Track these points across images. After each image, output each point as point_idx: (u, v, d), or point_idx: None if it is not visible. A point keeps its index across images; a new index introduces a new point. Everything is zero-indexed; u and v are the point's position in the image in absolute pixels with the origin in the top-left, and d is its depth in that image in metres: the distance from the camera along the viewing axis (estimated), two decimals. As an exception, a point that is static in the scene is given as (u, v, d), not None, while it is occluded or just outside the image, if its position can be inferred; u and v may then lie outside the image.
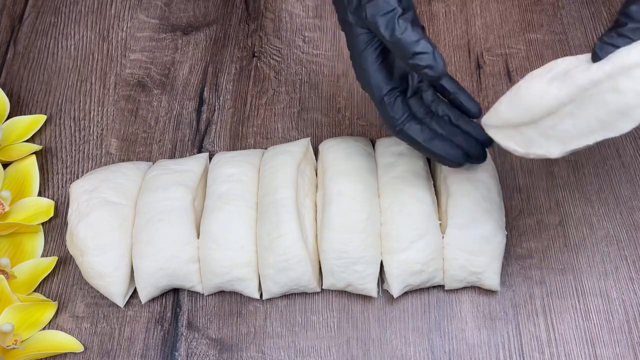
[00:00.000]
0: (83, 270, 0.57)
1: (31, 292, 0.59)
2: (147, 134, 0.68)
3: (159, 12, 0.76)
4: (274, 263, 0.55)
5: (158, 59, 0.72)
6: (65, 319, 0.58)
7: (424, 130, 0.52)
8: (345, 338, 0.56)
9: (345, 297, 0.58)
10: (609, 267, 0.58)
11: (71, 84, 0.71)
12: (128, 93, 0.70)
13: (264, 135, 0.67)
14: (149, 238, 0.56)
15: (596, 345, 0.55)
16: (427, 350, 0.55)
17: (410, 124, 0.52)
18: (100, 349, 0.57)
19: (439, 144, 0.53)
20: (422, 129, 0.52)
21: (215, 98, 0.70)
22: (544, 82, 0.45)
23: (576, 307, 0.56)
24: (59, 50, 0.74)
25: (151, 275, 0.56)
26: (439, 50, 0.71)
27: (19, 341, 0.56)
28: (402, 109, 0.52)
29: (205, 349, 0.56)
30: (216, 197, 0.58)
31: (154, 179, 0.59)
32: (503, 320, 0.56)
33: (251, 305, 0.58)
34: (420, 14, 0.74)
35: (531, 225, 0.60)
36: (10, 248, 0.61)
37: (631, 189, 0.62)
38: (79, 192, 0.59)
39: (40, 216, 0.62)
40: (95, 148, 0.67)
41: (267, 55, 0.72)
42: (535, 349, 0.55)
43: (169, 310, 0.58)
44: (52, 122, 0.69)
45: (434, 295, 0.57)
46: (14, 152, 0.65)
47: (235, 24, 0.75)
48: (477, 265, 0.55)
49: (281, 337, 0.56)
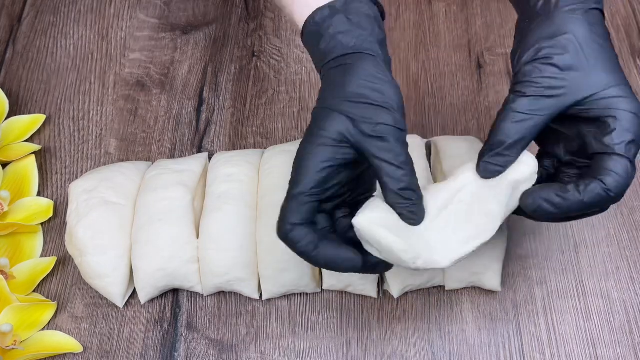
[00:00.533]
0: (82, 270, 0.57)
1: (30, 293, 0.59)
2: (146, 134, 0.67)
3: (158, 12, 0.76)
4: (273, 263, 0.55)
5: (157, 59, 0.72)
6: (64, 319, 0.58)
7: (307, 236, 0.45)
8: (345, 338, 0.56)
9: (345, 298, 0.58)
10: (610, 267, 0.58)
11: (70, 83, 0.71)
12: (127, 93, 0.70)
13: (264, 135, 0.67)
14: (148, 238, 0.56)
15: (597, 346, 0.55)
16: (428, 351, 0.55)
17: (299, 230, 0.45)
18: (99, 349, 0.56)
19: (326, 248, 0.45)
20: (308, 234, 0.45)
21: (215, 98, 0.69)
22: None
23: (577, 308, 0.56)
24: (58, 49, 0.74)
25: (150, 276, 0.56)
26: (440, 50, 0.72)
27: (18, 341, 0.55)
28: (305, 214, 0.45)
29: (204, 349, 0.56)
30: (216, 197, 0.58)
31: (153, 178, 0.59)
32: (504, 320, 0.56)
33: (251, 305, 0.58)
34: (420, 13, 0.74)
35: (532, 226, 0.60)
36: (9, 248, 0.60)
37: (632, 189, 0.62)
38: (78, 192, 0.59)
39: (40, 216, 0.62)
40: (95, 148, 0.67)
41: (267, 55, 0.72)
42: (536, 349, 0.55)
43: (169, 311, 0.58)
44: (51, 121, 0.69)
45: (435, 295, 0.57)
46: (13, 152, 0.65)
47: (235, 24, 0.74)
48: (477, 265, 0.55)
49: (281, 338, 0.56)
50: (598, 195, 0.44)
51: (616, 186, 0.44)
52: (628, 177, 0.44)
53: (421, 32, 0.72)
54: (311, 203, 0.45)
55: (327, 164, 0.45)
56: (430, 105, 0.68)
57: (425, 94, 0.68)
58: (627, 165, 0.44)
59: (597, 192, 0.44)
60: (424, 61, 0.70)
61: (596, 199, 0.44)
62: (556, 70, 0.45)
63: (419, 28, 0.73)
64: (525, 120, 0.45)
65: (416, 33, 0.72)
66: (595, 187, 0.44)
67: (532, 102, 0.45)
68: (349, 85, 0.46)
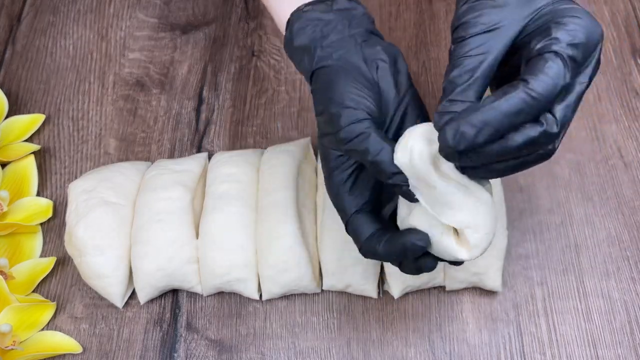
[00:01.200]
0: (81, 270, 0.57)
1: (30, 293, 0.59)
2: (146, 134, 0.67)
3: (157, 11, 0.75)
4: (273, 264, 0.55)
5: (157, 58, 0.72)
6: (64, 319, 0.58)
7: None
8: (345, 339, 0.56)
9: (345, 298, 0.58)
10: (610, 267, 0.58)
11: (70, 83, 0.71)
12: (127, 92, 0.70)
13: (264, 135, 0.67)
14: (148, 238, 0.56)
15: (598, 347, 0.55)
16: (428, 351, 0.55)
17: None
18: (99, 350, 0.56)
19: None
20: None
21: (215, 97, 0.69)
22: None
23: (578, 308, 0.56)
24: (57, 49, 0.74)
25: (150, 276, 0.56)
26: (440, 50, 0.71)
27: (18, 342, 0.55)
28: (371, 226, 0.46)
29: (204, 350, 0.56)
30: (215, 197, 0.57)
31: (152, 178, 0.59)
32: (504, 321, 0.56)
33: (251, 306, 0.58)
34: (421, 13, 0.74)
35: (532, 226, 0.60)
36: (8, 248, 0.60)
37: (633, 188, 0.61)
38: (78, 192, 0.59)
39: (39, 216, 0.62)
40: (94, 148, 0.67)
41: (267, 54, 0.72)
42: (536, 350, 0.55)
43: (168, 311, 0.58)
44: (50, 121, 0.69)
45: (435, 296, 0.57)
46: (13, 151, 0.65)
47: (235, 23, 0.74)
48: (478, 265, 0.55)
49: (281, 338, 0.56)
50: (519, 99, 0.37)
51: (542, 85, 0.37)
52: (558, 78, 0.38)
53: (421, 31, 0.72)
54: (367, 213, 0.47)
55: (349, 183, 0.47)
56: (431, 105, 0.68)
57: (425, 93, 0.68)
58: (560, 65, 0.38)
59: (518, 96, 0.37)
60: (424, 61, 0.70)
61: (518, 103, 0.37)
62: (489, 4, 0.42)
63: (419, 27, 0.73)
64: (472, 58, 0.41)
65: (416, 32, 0.72)
66: (516, 89, 0.37)
67: (474, 41, 0.42)
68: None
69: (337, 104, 0.46)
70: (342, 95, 0.46)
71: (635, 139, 0.64)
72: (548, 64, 0.38)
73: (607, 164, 0.63)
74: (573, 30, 0.40)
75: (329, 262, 0.55)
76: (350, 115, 0.45)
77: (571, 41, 0.39)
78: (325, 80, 0.48)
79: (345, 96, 0.46)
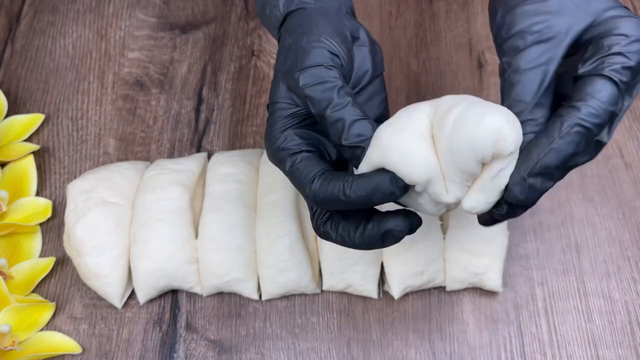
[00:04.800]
0: (80, 271, 0.57)
1: (29, 293, 0.58)
2: (145, 134, 0.67)
3: (157, 11, 0.75)
4: (273, 264, 0.55)
5: (156, 58, 0.72)
6: (63, 320, 0.58)
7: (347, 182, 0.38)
8: (345, 340, 0.56)
9: (345, 298, 0.57)
10: (611, 268, 0.58)
11: (69, 83, 0.71)
12: (126, 92, 0.70)
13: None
14: (147, 238, 0.56)
15: (598, 347, 0.54)
16: (428, 352, 0.55)
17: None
18: (98, 350, 0.56)
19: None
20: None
21: (214, 97, 0.69)
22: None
23: (578, 309, 0.56)
24: (56, 49, 0.73)
25: (149, 276, 0.56)
26: (441, 49, 0.71)
27: (17, 342, 0.55)
28: (316, 166, 0.40)
29: (204, 350, 0.56)
30: (215, 197, 0.57)
31: (151, 178, 0.59)
32: (505, 321, 0.56)
33: (250, 306, 0.58)
34: (421, 12, 0.73)
35: (533, 226, 0.60)
36: (7, 248, 0.60)
37: (634, 188, 0.61)
38: (76, 192, 0.58)
39: (38, 216, 0.62)
40: (93, 148, 0.67)
41: (267, 54, 0.72)
42: (537, 350, 0.54)
43: (168, 312, 0.58)
44: (49, 121, 0.68)
45: (435, 296, 0.57)
46: (12, 151, 0.65)
47: (235, 23, 0.74)
48: (478, 266, 0.55)
49: (281, 339, 0.56)
50: (576, 134, 0.35)
51: (594, 114, 0.35)
52: (610, 104, 0.36)
53: (422, 31, 0.72)
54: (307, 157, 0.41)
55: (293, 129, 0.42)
56: (431, 104, 0.68)
57: (425, 93, 0.68)
58: (613, 90, 0.36)
59: (574, 130, 0.35)
60: (424, 60, 0.70)
61: (575, 139, 0.36)
62: (542, 9, 0.39)
63: (420, 27, 0.72)
64: (534, 71, 0.38)
65: (417, 32, 0.72)
66: (569, 119, 0.35)
67: (533, 51, 0.39)
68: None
69: (309, 41, 0.41)
70: (319, 33, 0.42)
71: (636, 139, 0.64)
72: (599, 87, 0.36)
73: (608, 164, 0.63)
74: (629, 52, 0.37)
75: (329, 262, 0.55)
76: (321, 55, 0.41)
77: (625, 63, 0.37)
78: (300, 20, 0.44)
79: (322, 36, 0.42)
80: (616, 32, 0.38)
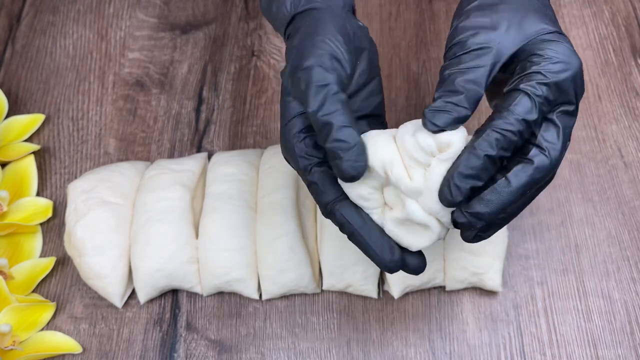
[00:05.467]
0: (81, 270, 0.57)
1: (29, 293, 0.59)
2: (145, 134, 0.67)
3: (157, 11, 0.75)
4: (273, 264, 0.55)
5: (157, 58, 0.72)
6: (63, 319, 0.58)
7: (360, 214, 0.43)
8: (345, 339, 0.56)
9: (345, 298, 0.57)
10: (611, 267, 0.58)
11: (69, 83, 0.71)
12: (126, 92, 0.70)
13: (264, 135, 0.67)
14: (147, 238, 0.56)
15: (598, 347, 0.54)
16: (428, 352, 0.55)
17: (343, 204, 0.43)
18: (98, 350, 0.56)
19: (375, 234, 0.43)
20: (358, 212, 0.43)
21: (215, 97, 0.69)
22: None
23: (578, 308, 0.56)
24: (57, 49, 0.73)
25: (149, 276, 0.56)
26: (441, 49, 0.71)
27: (17, 342, 0.55)
28: (334, 188, 0.44)
29: (204, 350, 0.56)
30: (215, 197, 0.57)
31: (152, 178, 0.59)
32: (504, 321, 0.56)
33: (250, 306, 0.58)
34: (421, 12, 0.74)
35: (533, 226, 0.60)
36: (8, 248, 0.60)
37: (633, 188, 0.61)
38: (77, 192, 0.59)
39: (39, 216, 0.62)
40: (94, 148, 0.67)
41: (267, 54, 0.72)
42: (536, 350, 0.54)
43: (168, 311, 0.58)
44: (50, 121, 0.69)
45: (435, 296, 0.57)
46: (12, 151, 0.65)
47: (235, 23, 0.74)
48: (478, 266, 0.55)
49: (281, 339, 0.56)
50: (491, 138, 0.40)
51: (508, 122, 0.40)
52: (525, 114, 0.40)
53: (422, 31, 0.72)
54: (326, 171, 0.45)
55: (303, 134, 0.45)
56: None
57: (425, 93, 0.68)
58: (527, 103, 0.41)
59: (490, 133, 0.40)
60: (424, 60, 0.70)
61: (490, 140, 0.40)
62: (484, 23, 0.43)
63: (420, 27, 0.73)
64: (468, 72, 0.42)
65: (416, 32, 0.72)
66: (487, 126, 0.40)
67: (468, 57, 0.42)
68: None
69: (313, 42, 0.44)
70: (324, 34, 0.44)
71: (635, 138, 0.64)
72: (516, 100, 0.40)
73: (607, 163, 0.63)
74: (547, 71, 0.41)
75: (329, 262, 0.55)
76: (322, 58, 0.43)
77: (541, 80, 0.41)
78: (307, 20, 0.46)
79: (327, 37, 0.44)
80: (540, 54, 0.42)
